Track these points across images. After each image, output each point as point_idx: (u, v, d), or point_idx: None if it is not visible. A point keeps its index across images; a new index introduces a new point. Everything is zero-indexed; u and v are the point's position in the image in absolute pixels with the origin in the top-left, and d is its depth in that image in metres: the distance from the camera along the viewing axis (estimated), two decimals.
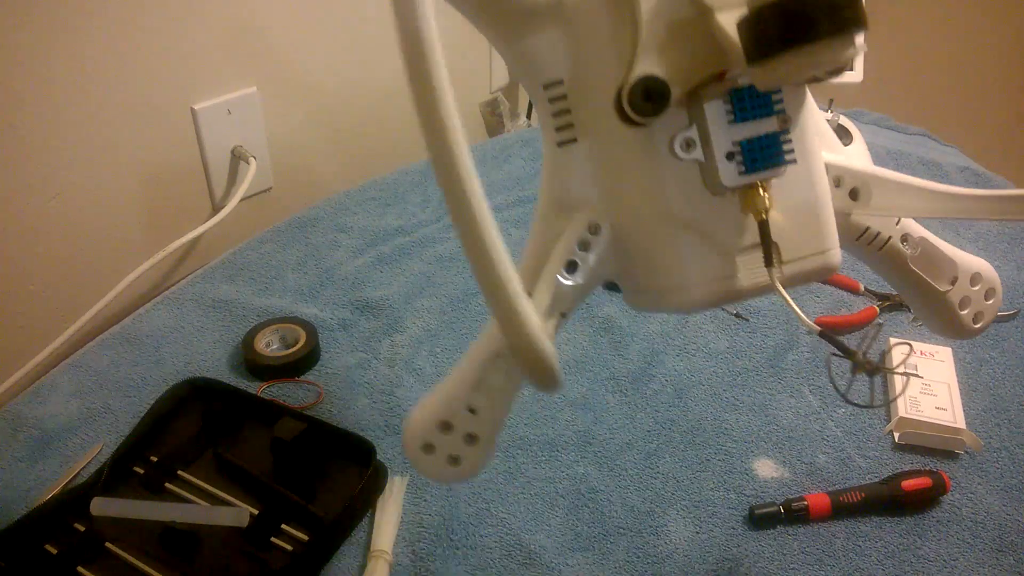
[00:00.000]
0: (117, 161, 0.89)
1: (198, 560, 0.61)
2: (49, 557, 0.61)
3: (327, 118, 1.12)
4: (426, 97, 0.26)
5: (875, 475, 0.70)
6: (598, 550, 0.64)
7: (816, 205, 0.38)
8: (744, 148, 0.35)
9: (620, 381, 0.80)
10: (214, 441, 0.71)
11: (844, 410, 0.77)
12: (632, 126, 0.35)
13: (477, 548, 0.64)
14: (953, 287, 0.47)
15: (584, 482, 0.70)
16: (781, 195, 0.37)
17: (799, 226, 0.38)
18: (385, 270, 0.95)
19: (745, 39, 0.31)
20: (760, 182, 0.36)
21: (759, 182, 0.36)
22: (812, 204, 0.38)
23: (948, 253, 0.47)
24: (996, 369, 0.82)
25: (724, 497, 0.69)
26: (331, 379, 0.79)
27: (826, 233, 0.38)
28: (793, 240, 0.37)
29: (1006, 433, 0.75)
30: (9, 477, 0.68)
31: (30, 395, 0.77)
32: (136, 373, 0.80)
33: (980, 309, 0.48)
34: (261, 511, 0.64)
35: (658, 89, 0.34)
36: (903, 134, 1.27)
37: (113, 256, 0.92)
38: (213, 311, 0.88)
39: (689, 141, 0.36)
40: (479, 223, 0.26)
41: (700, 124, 0.36)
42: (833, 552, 0.64)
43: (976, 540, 0.65)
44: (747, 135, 0.35)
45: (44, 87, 0.80)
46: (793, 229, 0.37)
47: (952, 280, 0.47)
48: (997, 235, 1.02)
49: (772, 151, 0.36)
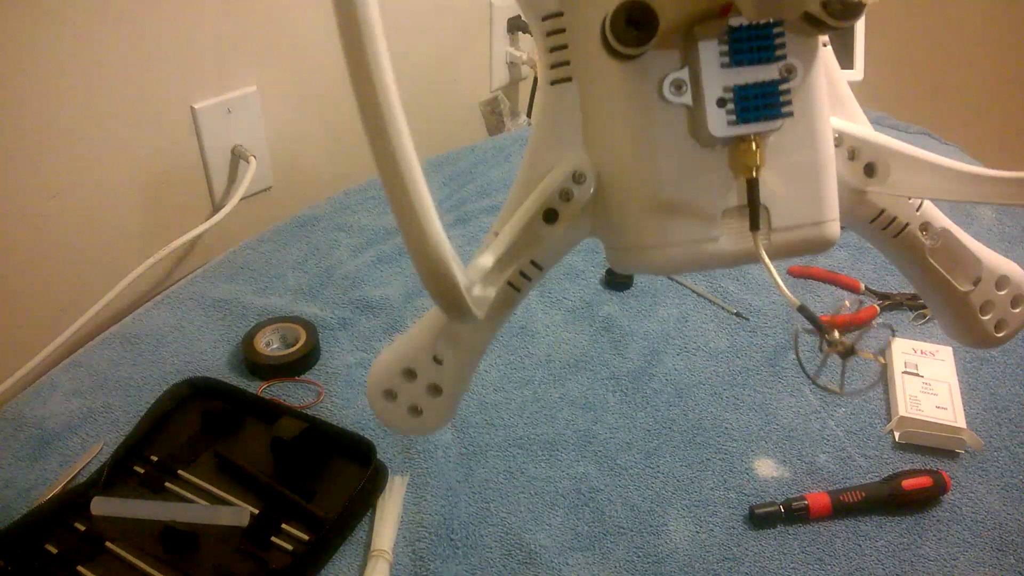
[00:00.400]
0: (117, 160, 0.89)
1: (198, 560, 0.61)
2: (49, 556, 0.61)
3: (327, 117, 1.12)
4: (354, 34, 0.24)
5: (875, 474, 0.70)
6: (598, 550, 0.64)
7: (816, 169, 0.34)
8: (737, 95, 0.32)
9: (620, 380, 0.80)
10: (214, 441, 0.71)
11: (844, 409, 0.77)
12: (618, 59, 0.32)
13: (477, 548, 0.64)
14: (975, 288, 0.43)
15: (584, 481, 0.70)
16: (777, 154, 0.34)
17: (794, 190, 0.34)
18: (385, 269, 0.95)
19: None
20: (753, 135, 0.32)
21: (751, 135, 0.32)
22: (812, 167, 0.34)
23: (973, 250, 0.43)
24: (996, 369, 0.81)
25: (724, 497, 0.69)
26: (331, 378, 0.79)
27: (825, 201, 0.35)
28: (786, 205, 0.34)
29: (1006, 433, 0.75)
30: (9, 476, 0.68)
31: (30, 395, 0.77)
32: (136, 373, 0.79)
33: (1004, 316, 0.44)
34: (261, 511, 0.64)
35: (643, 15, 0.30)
36: (903, 133, 1.27)
37: (113, 256, 0.92)
38: (213, 310, 0.88)
39: (679, 83, 0.33)
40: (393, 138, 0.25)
41: (692, 64, 0.32)
42: (833, 551, 0.64)
43: (976, 539, 0.65)
44: (742, 81, 0.32)
45: (44, 87, 0.80)
46: (787, 193, 0.34)
47: (975, 280, 0.43)
48: (998, 235, 1.02)
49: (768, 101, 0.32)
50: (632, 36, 0.30)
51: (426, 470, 0.69)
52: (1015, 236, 1.01)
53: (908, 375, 0.78)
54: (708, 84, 0.32)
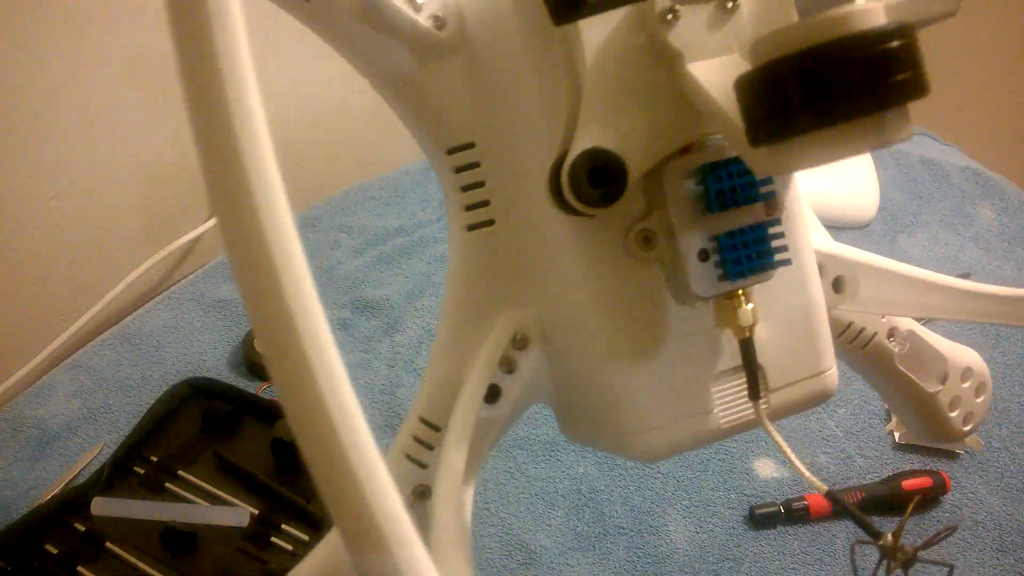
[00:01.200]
0: (116, 161, 0.89)
1: (198, 560, 0.61)
2: (49, 557, 0.61)
3: (327, 117, 1.12)
4: None
5: (875, 475, 0.70)
6: (598, 550, 0.64)
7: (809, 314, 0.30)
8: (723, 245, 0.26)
9: None
10: (214, 441, 0.71)
11: (844, 409, 0.77)
12: (570, 214, 0.26)
13: (477, 548, 0.64)
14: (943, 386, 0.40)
15: (584, 482, 0.70)
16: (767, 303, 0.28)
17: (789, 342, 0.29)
18: (385, 270, 0.95)
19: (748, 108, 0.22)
20: (743, 289, 0.27)
21: (741, 291, 0.27)
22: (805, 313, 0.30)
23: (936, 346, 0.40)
24: (996, 369, 0.81)
25: (724, 497, 0.69)
26: None
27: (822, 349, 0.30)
28: (782, 361, 0.29)
29: (1006, 433, 0.75)
30: (9, 477, 0.68)
31: (30, 395, 0.77)
32: (136, 373, 0.79)
33: (970, 409, 0.42)
34: (261, 511, 0.64)
35: (611, 169, 0.24)
36: None
37: (113, 256, 0.92)
38: (213, 311, 0.88)
39: (648, 234, 0.27)
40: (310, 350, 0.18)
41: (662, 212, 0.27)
42: (833, 552, 0.64)
43: (976, 540, 0.65)
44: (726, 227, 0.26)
45: (44, 87, 0.80)
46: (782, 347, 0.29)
47: (942, 378, 0.40)
48: (998, 235, 1.02)
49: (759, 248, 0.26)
50: (597, 195, 0.24)
51: None
52: (1015, 236, 1.01)
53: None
54: (685, 236, 0.26)
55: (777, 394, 0.29)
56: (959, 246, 0.98)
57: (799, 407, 0.30)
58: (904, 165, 1.13)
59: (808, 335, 0.30)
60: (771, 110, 0.21)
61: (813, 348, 0.30)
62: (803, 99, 0.20)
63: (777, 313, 0.29)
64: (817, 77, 0.19)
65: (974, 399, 0.42)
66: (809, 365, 0.30)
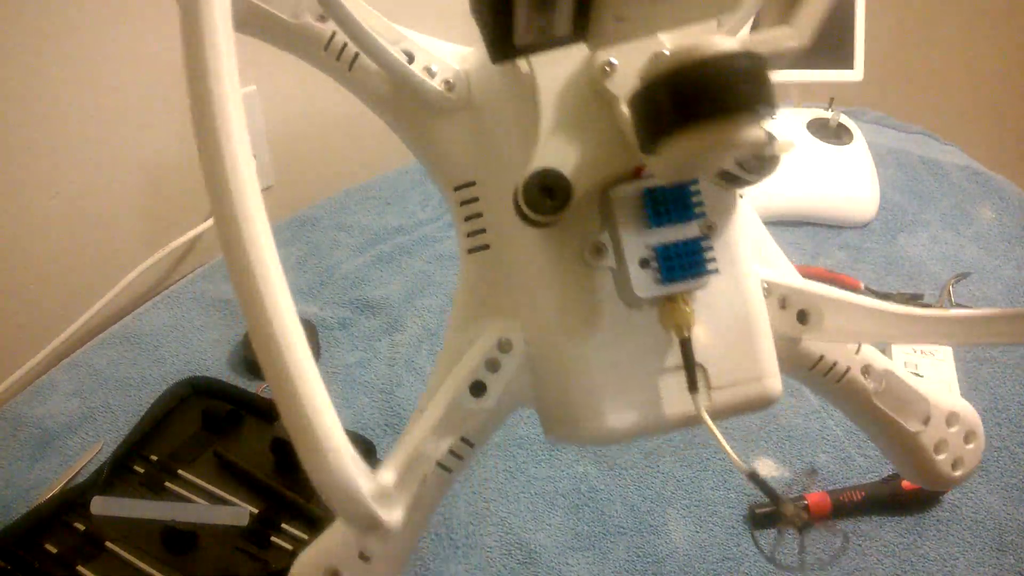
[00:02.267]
0: (117, 160, 0.89)
1: (198, 559, 0.61)
2: (49, 556, 0.61)
3: (327, 117, 1.12)
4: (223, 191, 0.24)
5: (875, 474, 0.70)
6: (598, 550, 0.64)
7: (748, 324, 0.34)
8: (659, 255, 0.31)
9: None
10: (214, 441, 0.71)
11: None
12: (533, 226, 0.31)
13: (477, 547, 0.64)
14: (926, 427, 0.41)
15: (584, 481, 0.70)
16: (707, 311, 0.33)
17: (729, 347, 0.33)
18: (385, 269, 0.95)
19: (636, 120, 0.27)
20: (681, 295, 0.31)
21: (679, 295, 0.31)
22: (743, 323, 0.34)
23: (916, 389, 0.41)
24: (996, 369, 0.81)
25: (724, 496, 0.69)
26: (331, 378, 0.79)
27: (761, 356, 0.34)
28: (723, 363, 0.33)
29: (1006, 433, 0.75)
30: (9, 477, 0.68)
31: (30, 394, 0.77)
32: (136, 372, 0.79)
33: (959, 455, 0.42)
34: (261, 510, 0.64)
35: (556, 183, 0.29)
36: (904, 133, 1.27)
37: (113, 255, 0.92)
38: (213, 310, 0.88)
39: (599, 246, 0.32)
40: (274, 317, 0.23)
41: (611, 228, 0.32)
42: (833, 552, 0.64)
43: (976, 540, 0.65)
44: (663, 240, 0.31)
45: (44, 86, 0.80)
46: (722, 351, 0.33)
47: (924, 419, 0.41)
48: (998, 235, 1.02)
49: (692, 259, 0.31)
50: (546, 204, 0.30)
51: None
52: (1015, 236, 1.02)
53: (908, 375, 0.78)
54: (629, 246, 0.31)
55: (718, 392, 0.33)
56: (959, 245, 0.98)
57: (741, 407, 0.34)
58: (904, 165, 1.13)
59: (748, 343, 0.34)
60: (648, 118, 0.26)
61: (753, 354, 0.34)
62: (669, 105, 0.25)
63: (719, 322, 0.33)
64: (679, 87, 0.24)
65: (963, 445, 0.42)
66: (749, 369, 0.33)
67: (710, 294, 0.33)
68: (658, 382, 0.33)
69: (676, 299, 0.31)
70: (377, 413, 0.75)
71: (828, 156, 1.01)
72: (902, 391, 0.40)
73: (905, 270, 0.94)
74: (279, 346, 0.23)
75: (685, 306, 0.31)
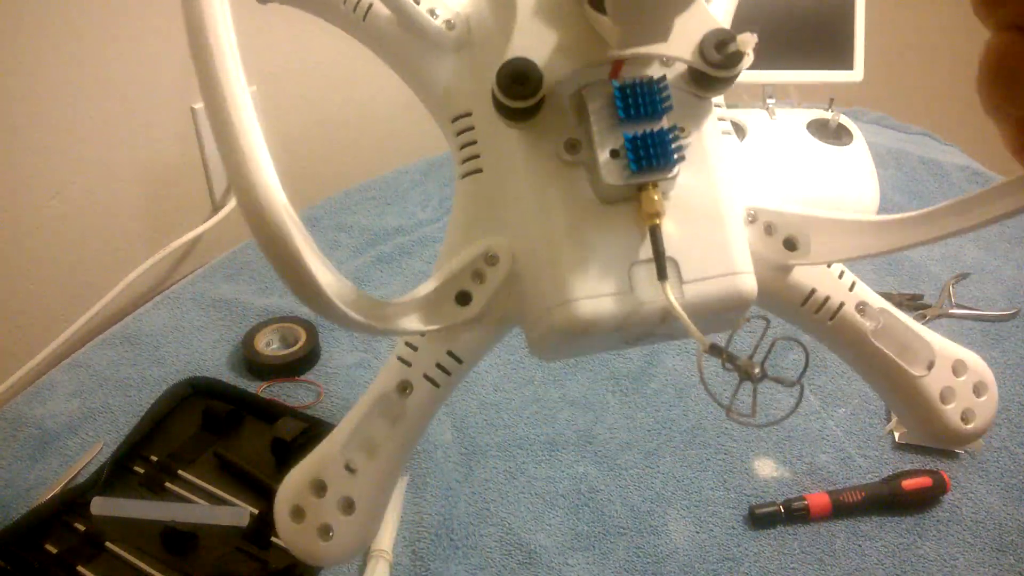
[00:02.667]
0: (117, 160, 0.89)
1: (198, 560, 0.61)
2: (49, 557, 0.61)
3: (327, 117, 1.12)
4: None
5: (875, 474, 0.70)
6: (598, 550, 0.64)
7: (720, 220, 0.34)
8: (628, 144, 0.32)
9: (620, 380, 0.80)
10: (214, 441, 0.71)
11: (844, 409, 0.77)
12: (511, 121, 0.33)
13: (477, 548, 0.64)
14: (929, 373, 0.40)
15: (584, 482, 0.70)
16: (679, 208, 0.34)
17: (699, 241, 0.34)
18: (385, 269, 0.95)
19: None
20: (651, 185, 0.32)
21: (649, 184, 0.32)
22: (715, 219, 0.34)
23: (918, 332, 0.40)
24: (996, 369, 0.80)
25: (724, 497, 0.69)
26: (331, 378, 0.79)
27: (733, 252, 0.34)
28: (693, 257, 0.34)
29: (1006, 433, 0.75)
30: (9, 477, 0.68)
31: (30, 395, 0.77)
32: (136, 372, 0.79)
33: (969, 407, 0.41)
34: (261, 511, 0.64)
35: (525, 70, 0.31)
36: (904, 133, 1.27)
37: (113, 256, 0.92)
38: (213, 310, 0.88)
39: (574, 142, 0.33)
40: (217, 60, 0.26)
41: (584, 123, 0.33)
42: (833, 552, 0.64)
43: (976, 540, 0.65)
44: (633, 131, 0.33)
45: (44, 87, 0.80)
46: (692, 244, 0.34)
47: (928, 364, 0.40)
48: (998, 235, 1.02)
49: (660, 149, 0.32)
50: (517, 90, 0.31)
51: (426, 470, 0.69)
52: (1015, 236, 1.02)
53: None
54: (600, 139, 0.33)
55: (690, 286, 0.34)
56: (959, 246, 0.98)
57: (715, 305, 0.34)
58: (904, 165, 1.13)
59: (719, 238, 0.34)
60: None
61: (725, 250, 0.34)
62: None
63: (690, 217, 0.34)
64: None
65: (972, 396, 0.41)
66: (721, 264, 0.34)
67: (681, 190, 0.34)
68: (631, 273, 0.33)
69: (646, 188, 0.33)
70: None
71: (828, 156, 1.01)
72: (902, 332, 0.39)
73: (905, 270, 0.94)
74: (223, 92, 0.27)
75: (654, 195, 0.32)
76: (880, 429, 0.75)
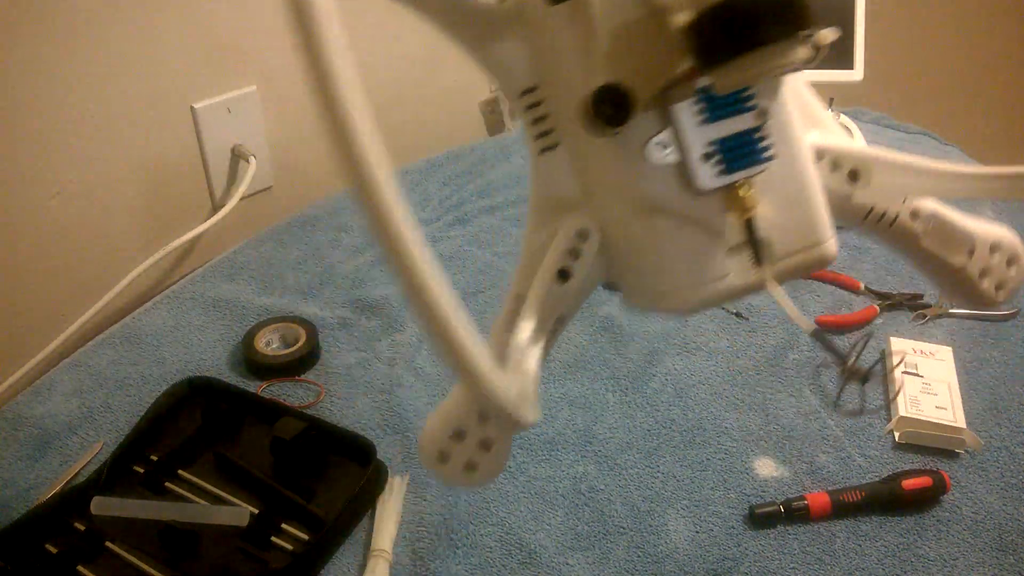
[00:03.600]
0: (117, 160, 0.89)
1: (198, 559, 0.61)
2: (49, 556, 0.61)
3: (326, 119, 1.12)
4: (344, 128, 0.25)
5: (875, 474, 0.70)
6: (598, 549, 0.64)
7: (805, 196, 0.37)
8: (720, 148, 0.34)
9: (620, 380, 0.80)
10: (214, 441, 0.71)
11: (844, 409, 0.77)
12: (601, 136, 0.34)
13: (477, 547, 0.64)
14: (970, 260, 0.45)
15: (584, 481, 0.70)
16: (767, 188, 0.36)
17: (790, 220, 0.37)
18: (385, 269, 0.95)
19: (693, 45, 0.30)
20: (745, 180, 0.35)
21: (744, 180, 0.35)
22: (801, 195, 0.37)
23: (962, 224, 0.45)
24: (996, 369, 0.81)
25: (724, 496, 0.69)
26: (331, 378, 0.79)
27: (818, 223, 0.37)
28: (785, 235, 0.37)
29: (1006, 433, 0.75)
30: (9, 476, 0.68)
31: (30, 394, 0.77)
32: (136, 372, 0.79)
33: (1002, 278, 0.47)
34: (261, 511, 0.64)
35: (619, 98, 0.32)
36: (904, 133, 1.27)
37: (113, 255, 0.92)
38: (213, 310, 0.88)
39: (663, 144, 0.35)
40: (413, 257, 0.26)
41: (672, 126, 0.35)
42: (833, 551, 0.64)
43: (976, 539, 0.65)
44: (722, 134, 0.34)
45: (44, 86, 0.80)
46: (783, 223, 0.36)
47: (969, 252, 0.45)
48: None
49: (749, 149, 0.34)
50: (612, 117, 0.32)
51: (426, 470, 0.69)
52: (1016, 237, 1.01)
53: (908, 375, 0.78)
54: (690, 142, 0.34)
55: (782, 262, 0.37)
56: None
57: (803, 271, 0.38)
58: None
59: (806, 214, 0.37)
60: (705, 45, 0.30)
61: (811, 223, 0.37)
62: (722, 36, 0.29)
63: (778, 198, 0.36)
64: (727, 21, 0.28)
65: (1005, 269, 0.47)
66: (809, 237, 0.37)
67: (769, 172, 0.36)
68: (727, 258, 0.36)
69: (738, 183, 0.35)
70: (377, 413, 0.75)
71: None
72: (948, 229, 0.44)
73: (905, 270, 0.94)
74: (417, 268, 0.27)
75: (748, 190, 0.35)
76: (880, 429, 0.75)
